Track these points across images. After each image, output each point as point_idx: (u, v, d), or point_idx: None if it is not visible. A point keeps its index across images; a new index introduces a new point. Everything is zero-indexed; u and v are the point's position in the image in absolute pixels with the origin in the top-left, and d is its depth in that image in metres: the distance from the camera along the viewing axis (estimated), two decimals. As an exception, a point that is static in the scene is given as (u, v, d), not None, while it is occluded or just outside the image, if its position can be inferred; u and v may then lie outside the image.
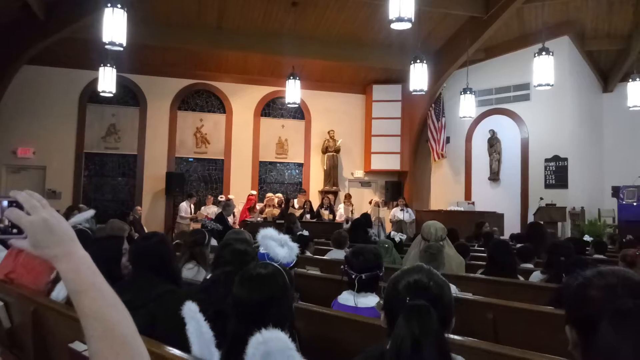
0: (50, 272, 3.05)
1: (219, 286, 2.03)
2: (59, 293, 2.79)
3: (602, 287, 1.18)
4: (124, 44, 7.87)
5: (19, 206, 0.94)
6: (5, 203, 0.96)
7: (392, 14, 7.39)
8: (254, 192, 13.30)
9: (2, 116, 12.08)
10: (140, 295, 2.35)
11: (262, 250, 2.46)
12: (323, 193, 14.20)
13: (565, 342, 2.65)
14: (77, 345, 2.18)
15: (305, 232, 6.34)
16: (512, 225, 11.82)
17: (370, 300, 2.77)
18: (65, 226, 0.96)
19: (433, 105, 14.28)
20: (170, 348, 1.80)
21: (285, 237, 2.28)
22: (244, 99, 14.41)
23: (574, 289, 1.23)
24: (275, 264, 1.98)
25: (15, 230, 0.96)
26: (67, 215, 7.35)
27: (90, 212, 4.64)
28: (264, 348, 1.52)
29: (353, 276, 2.82)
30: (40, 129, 12.71)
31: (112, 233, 3.89)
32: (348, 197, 13.54)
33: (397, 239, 5.80)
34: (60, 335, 2.50)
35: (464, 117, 12.44)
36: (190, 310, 1.67)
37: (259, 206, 12.57)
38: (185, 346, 1.74)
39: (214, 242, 5.04)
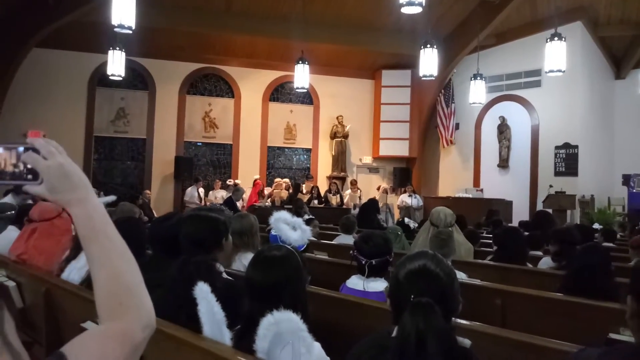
0: (62, 253, 3.08)
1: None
2: (69, 274, 2.82)
3: None
4: (133, 27, 7.84)
5: (35, 152, 0.95)
6: (21, 149, 0.96)
7: (403, -3, 7.31)
8: (257, 177, 13.26)
9: (12, 99, 12.12)
10: (157, 275, 2.37)
11: (273, 232, 2.47)
12: (331, 179, 14.20)
13: (573, 328, 2.65)
14: (89, 325, 2.20)
15: (312, 217, 6.36)
16: (520, 213, 11.78)
17: (379, 284, 2.78)
18: (80, 173, 0.97)
19: (443, 91, 14.18)
20: (181, 328, 1.82)
21: (299, 220, 2.28)
22: (252, 84, 14.37)
23: None
24: (288, 247, 1.98)
25: (30, 177, 0.96)
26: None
27: (112, 198, 4.66)
28: (276, 329, 1.53)
29: (363, 261, 2.83)
30: (50, 112, 12.75)
31: (122, 216, 3.91)
32: (354, 182, 13.52)
33: (412, 225, 5.80)
34: (72, 315, 2.53)
35: (473, 103, 12.35)
36: (202, 291, 1.69)
37: (267, 191, 12.60)
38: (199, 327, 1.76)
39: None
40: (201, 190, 12.73)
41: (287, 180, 13.18)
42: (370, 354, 1.50)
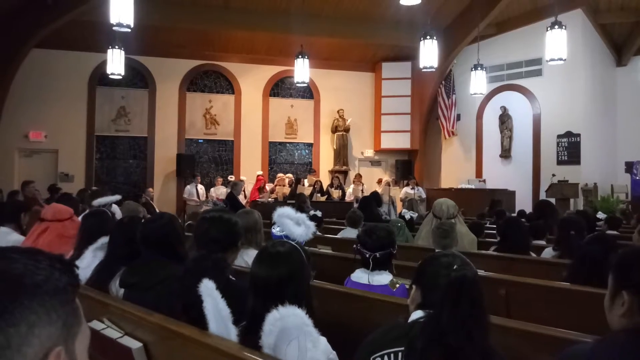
0: (68, 253, 3.09)
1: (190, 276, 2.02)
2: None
3: None
4: (132, 25, 7.81)
5: None
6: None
7: (402, -11, 7.28)
8: (260, 172, 13.30)
9: (13, 100, 12.13)
10: (149, 278, 2.36)
11: (276, 228, 2.47)
12: (333, 173, 14.19)
13: (578, 316, 2.64)
14: (95, 324, 2.21)
15: (319, 213, 6.36)
16: (524, 203, 11.76)
17: (384, 277, 2.78)
18: None
19: (443, 82, 14.13)
20: (187, 325, 1.82)
21: (302, 216, 2.28)
22: (252, 79, 14.35)
23: (635, 255, 1.26)
24: (292, 242, 1.98)
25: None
26: (81, 197, 7.41)
27: (117, 197, 4.73)
28: (281, 324, 1.53)
29: (367, 255, 2.83)
30: (51, 112, 12.77)
31: (127, 214, 3.92)
32: (358, 177, 13.52)
33: (407, 216, 5.79)
34: (78, 315, 2.53)
35: (474, 93, 12.29)
36: (207, 288, 1.69)
37: (269, 186, 12.61)
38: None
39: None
40: (200, 186, 12.74)
41: (290, 175, 13.17)
42: (389, 338, 1.52)
